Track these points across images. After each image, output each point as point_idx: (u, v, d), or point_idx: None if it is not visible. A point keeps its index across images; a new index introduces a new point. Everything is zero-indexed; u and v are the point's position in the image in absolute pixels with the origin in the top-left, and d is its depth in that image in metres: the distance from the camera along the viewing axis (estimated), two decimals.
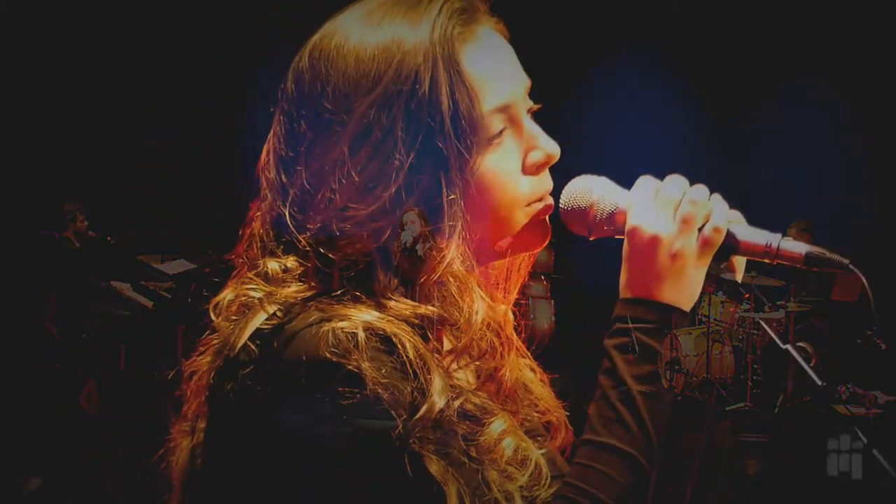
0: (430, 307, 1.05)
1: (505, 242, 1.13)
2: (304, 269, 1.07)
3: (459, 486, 0.98)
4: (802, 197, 8.08)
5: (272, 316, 1.04)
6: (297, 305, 1.03)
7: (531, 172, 1.13)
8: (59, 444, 5.65)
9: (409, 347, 1.00)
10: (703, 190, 1.11)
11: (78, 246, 7.45)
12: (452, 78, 1.04)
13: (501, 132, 1.09)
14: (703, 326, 8.13)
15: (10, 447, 5.40)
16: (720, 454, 6.37)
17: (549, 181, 1.15)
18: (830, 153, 8.59)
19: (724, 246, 1.10)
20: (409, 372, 0.99)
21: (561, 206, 1.15)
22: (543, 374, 1.29)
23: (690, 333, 8.12)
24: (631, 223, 1.10)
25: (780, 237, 1.10)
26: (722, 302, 8.36)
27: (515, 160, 1.12)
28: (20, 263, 6.95)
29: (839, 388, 5.89)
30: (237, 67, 8.07)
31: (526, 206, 1.12)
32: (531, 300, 7.72)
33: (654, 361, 1.06)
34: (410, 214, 1.05)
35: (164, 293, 6.74)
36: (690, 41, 9.08)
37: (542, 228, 1.15)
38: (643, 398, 1.05)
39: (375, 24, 1.07)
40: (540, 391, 1.26)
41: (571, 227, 1.16)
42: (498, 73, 1.10)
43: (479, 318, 1.07)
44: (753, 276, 7.69)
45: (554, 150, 1.14)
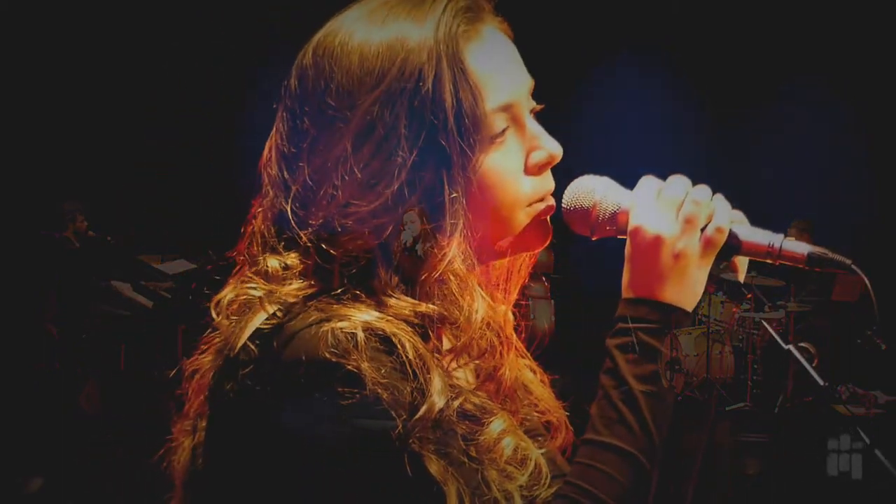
0: (430, 305, 1.05)
1: (506, 242, 1.13)
2: (304, 266, 1.06)
3: (459, 485, 0.98)
4: (802, 197, 8.08)
5: (272, 316, 1.04)
6: (296, 305, 1.03)
7: (533, 172, 1.13)
8: (59, 444, 5.65)
9: (408, 347, 1.00)
10: (705, 190, 1.11)
11: (78, 246, 7.44)
12: (456, 76, 1.04)
13: (504, 131, 1.09)
14: (703, 326, 8.13)
15: (10, 447, 5.40)
16: (720, 454, 6.37)
17: (551, 181, 1.15)
18: (830, 153, 8.59)
19: (726, 246, 1.10)
20: (408, 372, 0.99)
21: (563, 206, 1.15)
22: (543, 374, 1.28)
23: (690, 333, 8.12)
24: (633, 223, 1.10)
25: (782, 237, 1.10)
26: (722, 302, 8.37)
27: (518, 160, 1.11)
28: (20, 263, 6.94)
29: (839, 388, 5.89)
30: (237, 67, 8.07)
31: (527, 206, 1.12)
32: (531, 300, 7.71)
33: (656, 361, 1.06)
34: (411, 214, 1.05)
35: (164, 293, 6.74)
36: (690, 41, 9.08)
37: (543, 229, 1.15)
38: (645, 398, 1.05)
39: (379, 21, 1.07)
40: (540, 391, 1.26)
41: (574, 227, 1.16)
42: (501, 72, 1.09)
43: (479, 316, 1.07)
44: (753, 276, 7.69)
45: (556, 149, 1.14)
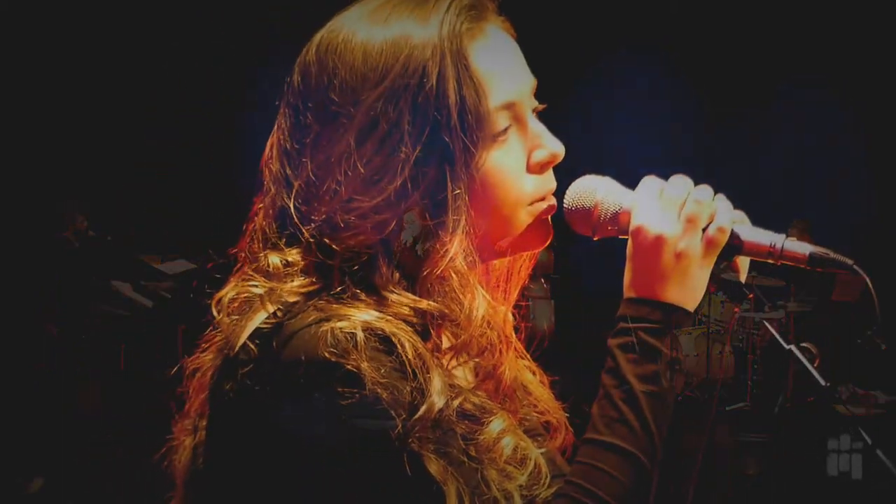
0: (430, 302, 1.05)
1: (507, 241, 1.13)
2: (306, 262, 1.07)
3: (459, 485, 0.98)
4: (802, 197, 8.08)
5: (272, 315, 1.04)
6: (296, 304, 1.03)
7: (535, 171, 1.13)
8: (59, 444, 5.64)
9: (408, 347, 1.00)
10: (707, 190, 1.11)
11: (78, 246, 7.43)
12: (460, 73, 1.05)
13: (506, 129, 1.09)
14: (703, 326, 8.12)
15: (10, 447, 5.40)
16: (720, 454, 6.36)
17: (552, 181, 1.15)
18: (829, 153, 8.59)
19: (728, 246, 1.10)
20: (408, 372, 0.99)
21: (565, 205, 1.15)
22: (543, 375, 1.28)
23: (690, 333, 8.12)
24: (635, 223, 1.10)
25: (783, 237, 1.10)
26: (722, 302, 8.37)
27: (520, 158, 1.11)
28: (20, 263, 6.93)
29: (839, 388, 5.89)
30: (237, 67, 8.06)
31: (529, 204, 1.12)
32: (531, 301, 7.71)
33: (657, 361, 1.06)
34: (412, 214, 1.05)
35: (164, 293, 6.74)
36: (689, 41, 9.08)
37: (544, 228, 1.15)
38: (646, 398, 1.05)
39: (383, 19, 1.07)
40: (539, 392, 1.26)
41: (575, 227, 1.16)
42: (505, 70, 1.10)
43: (479, 314, 1.07)
44: (754, 275, 7.68)
45: (559, 149, 1.14)
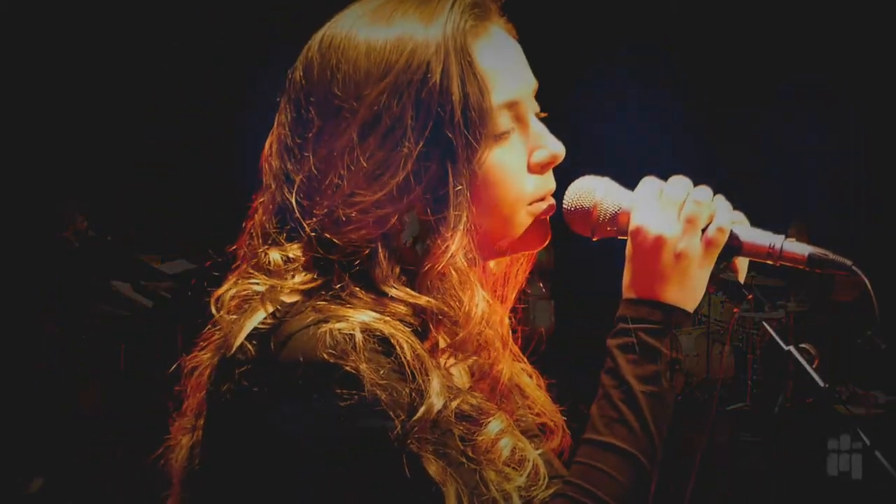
0: (429, 299, 1.05)
1: (506, 241, 1.14)
2: (307, 258, 1.07)
3: (458, 486, 0.98)
4: (802, 197, 8.07)
5: (270, 315, 1.04)
6: (294, 305, 1.03)
7: (536, 171, 1.13)
8: (59, 444, 5.64)
9: (406, 348, 1.00)
10: (706, 191, 1.11)
11: (78, 246, 7.43)
12: (464, 69, 1.05)
13: (508, 128, 1.10)
14: (702, 326, 8.12)
15: (10, 447, 5.39)
16: (720, 454, 6.36)
17: (552, 181, 1.16)
18: (830, 153, 8.58)
19: (727, 247, 1.10)
20: (406, 373, 0.99)
21: (564, 206, 1.15)
22: (540, 378, 1.29)
23: (690, 333, 8.11)
24: (635, 223, 1.10)
25: (783, 238, 1.10)
26: (722, 302, 8.36)
27: (521, 157, 1.12)
28: (20, 263, 6.93)
29: (839, 388, 5.88)
30: (237, 67, 8.06)
31: (529, 204, 1.13)
32: (531, 301, 7.70)
33: (657, 361, 1.07)
34: (414, 209, 1.05)
35: (164, 293, 6.73)
36: (690, 41, 9.07)
37: (543, 228, 1.16)
38: (646, 398, 1.05)
39: (386, 17, 1.08)
40: (536, 395, 1.26)
41: (574, 227, 1.16)
42: (508, 69, 1.10)
43: (478, 312, 1.07)
44: (753, 276, 7.66)
45: (559, 149, 1.14)
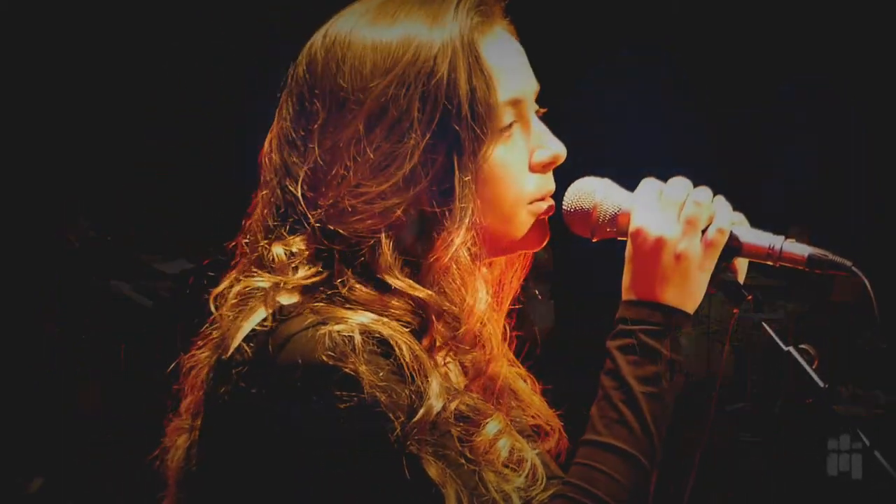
0: (430, 292, 1.05)
1: (505, 240, 1.14)
2: (310, 251, 1.07)
3: (458, 487, 0.98)
4: (802, 198, 8.06)
5: (268, 317, 1.04)
6: (293, 306, 1.03)
7: (537, 170, 1.14)
8: (59, 444, 5.64)
9: (405, 350, 1.01)
10: (706, 192, 1.11)
11: (78, 246, 7.42)
12: (471, 64, 1.06)
13: (511, 126, 1.11)
14: (702, 326, 8.12)
15: (10, 447, 5.39)
16: (720, 454, 6.36)
17: (552, 182, 1.16)
18: (830, 153, 8.58)
19: (727, 248, 1.10)
20: (406, 374, 1.00)
21: (564, 207, 1.16)
22: (535, 384, 1.29)
23: (690, 334, 8.11)
24: (635, 224, 1.10)
25: (782, 239, 1.10)
26: (722, 302, 8.34)
27: (523, 156, 1.13)
28: (20, 263, 6.93)
29: (839, 388, 5.89)
30: (237, 67, 8.06)
31: (529, 203, 1.13)
32: (531, 301, 7.69)
33: (657, 363, 1.07)
34: (419, 202, 1.06)
35: (164, 293, 6.73)
36: (690, 41, 9.06)
37: (542, 228, 1.16)
38: (646, 399, 1.06)
39: (391, 14, 1.08)
40: (530, 400, 1.26)
41: (574, 228, 1.17)
42: (512, 68, 1.12)
43: (480, 306, 1.07)
44: (753, 276, 7.66)
45: (560, 150, 1.15)
